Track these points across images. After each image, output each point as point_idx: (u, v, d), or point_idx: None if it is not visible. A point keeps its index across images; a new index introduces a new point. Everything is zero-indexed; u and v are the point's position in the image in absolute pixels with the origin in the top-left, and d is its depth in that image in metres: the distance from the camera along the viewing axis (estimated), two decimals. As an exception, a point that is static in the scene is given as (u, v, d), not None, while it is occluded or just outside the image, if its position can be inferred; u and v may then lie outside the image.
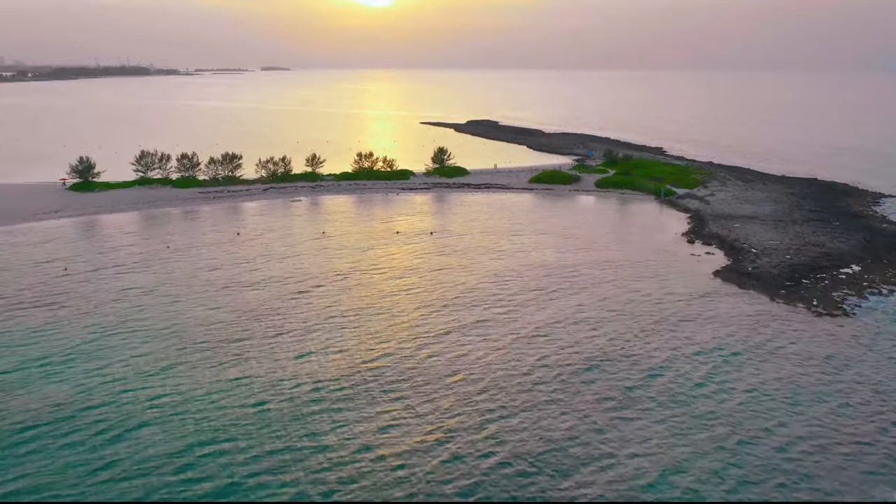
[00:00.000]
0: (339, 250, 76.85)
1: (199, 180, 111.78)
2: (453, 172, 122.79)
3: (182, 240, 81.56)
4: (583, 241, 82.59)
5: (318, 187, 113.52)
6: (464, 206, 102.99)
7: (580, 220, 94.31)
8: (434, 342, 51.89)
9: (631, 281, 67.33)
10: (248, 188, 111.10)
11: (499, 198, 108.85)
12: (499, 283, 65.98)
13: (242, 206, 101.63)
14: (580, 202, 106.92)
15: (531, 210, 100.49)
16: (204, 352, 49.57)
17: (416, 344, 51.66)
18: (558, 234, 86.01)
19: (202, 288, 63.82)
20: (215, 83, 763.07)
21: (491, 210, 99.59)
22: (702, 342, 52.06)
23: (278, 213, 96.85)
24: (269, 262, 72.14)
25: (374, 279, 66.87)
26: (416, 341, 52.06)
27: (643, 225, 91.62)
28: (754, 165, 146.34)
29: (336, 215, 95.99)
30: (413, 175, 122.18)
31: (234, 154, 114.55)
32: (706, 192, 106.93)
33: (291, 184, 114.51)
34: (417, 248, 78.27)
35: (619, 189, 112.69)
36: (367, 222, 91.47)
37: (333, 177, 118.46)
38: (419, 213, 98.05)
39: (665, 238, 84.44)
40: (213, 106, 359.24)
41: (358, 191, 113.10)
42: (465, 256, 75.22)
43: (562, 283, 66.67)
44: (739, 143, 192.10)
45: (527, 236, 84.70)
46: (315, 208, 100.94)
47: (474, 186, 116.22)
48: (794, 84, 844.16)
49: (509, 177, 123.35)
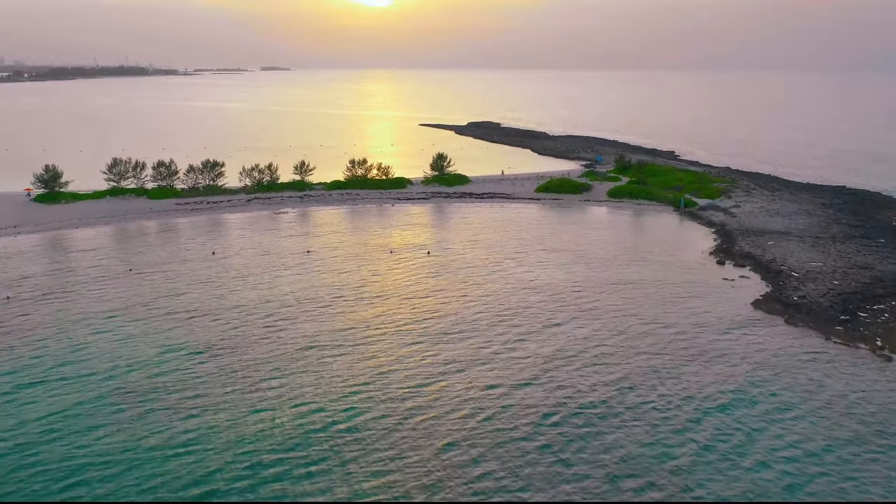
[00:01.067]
0: (323, 273, 67.74)
1: (177, 190, 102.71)
2: (454, 180, 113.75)
3: (149, 259, 72.54)
4: (597, 260, 73.57)
5: (307, 197, 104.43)
6: (464, 218, 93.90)
7: (593, 234, 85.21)
8: (421, 390, 42.87)
9: (654, 310, 58.41)
10: (230, 199, 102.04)
11: (503, 209, 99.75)
12: (501, 313, 57.04)
13: (222, 219, 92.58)
14: (592, 214, 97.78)
15: (538, 223, 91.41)
16: (142, 405, 40.51)
17: (400, 393, 42.75)
18: (569, 251, 77.02)
19: (160, 319, 54.83)
20: (213, 83, 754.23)
21: (494, 224, 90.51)
22: (745, 393, 43.02)
23: (261, 228, 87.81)
24: (241, 288, 63.10)
25: (359, 309, 57.78)
26: (401, 390, 43.13)
27: (664, 241, 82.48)
28: (774, 171, 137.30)
29: (324, 230, 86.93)
30: (410, 183, 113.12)
31: (215, 161, 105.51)
32: (730, 203, 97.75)
33: (278, 193, 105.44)
34: (411, 270, 69.22)
35: (634, 199, 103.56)
36: (357, 238, 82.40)
37: (324, 186, 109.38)
38: (415, 226, 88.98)
39: (690, 257, 75.35)
40: (208, 107, 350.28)
41: (350, 201, 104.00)
42: (464, 280, 66.20)
43: (574, 310, 57.85)
44: (754, 147, 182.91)
45: (533, 254, 75.74)
46: (301, 222, 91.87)
47: (476, 196, 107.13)
48: (797, 84, 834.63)
49: (514, 185, 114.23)
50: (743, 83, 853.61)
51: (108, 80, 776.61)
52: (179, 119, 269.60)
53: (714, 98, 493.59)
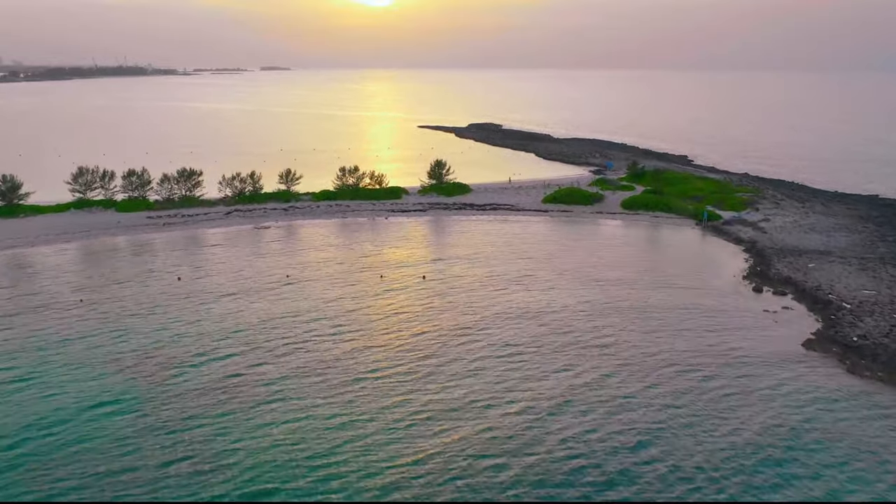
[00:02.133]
0: (300, 307, 58.63)
1: (150, 202, 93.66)
2: (453, 190, 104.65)
3: (105, 285, 63.53)
4: (613, 284, 64.59)
5: (293, 209, 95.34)
6: (465, 234, 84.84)
7: (608, 253, 76.12)
8: (405, 473, 33.81)
9: (684, 349, 49.61)
10: (207, 211, 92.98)
11: (506, 223, 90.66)
12: (503, 354, 48.20)
13: (197, 235, 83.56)
14: (606, 229, 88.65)
15: (546, 240, 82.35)
16: (49, 485, 31.54)
17: (378, 484, 33.60)
18: (581, 274, 68.06)
19: (99, 368, 45.79)
20: (211, 83, 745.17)
21: (497, 240, 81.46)
22: (805, 465, 33.93)
23: (238, 245, 78.80)
24: (201, 321, 54.13)
25: (338, 354, 48.67)
26: (378, 475, 34.02)
27: (688, 261, 73.41)
28: (795, 177, 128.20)
29: (308, 248, 77.89)
30: (406, 193, 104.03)
31: (192, 170, 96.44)
32: (758, 217, 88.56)
33: (260, 205, 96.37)
34: (403, 301, 60.14)
35: (651, 211, 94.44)
36: (345, 258, 73.36)
37: (311, 196, 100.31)
38: (410, 244, 79.93)
39: (721, 282, 66.31)
40: (202, 108, 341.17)
41: (339, 214, 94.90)
42: (462, 311, 57.25)
43: (589, 349, 48.92)
44: (770, 150, 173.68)
45: (543, 279, 66.79)
46: (284, 238, 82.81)
47: (477, 207, 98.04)
48: (800, 84, 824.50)
49: (518, 195, 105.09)
50: (746, 83, 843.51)
51: (106, 81, 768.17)
52: (170, 121, 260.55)
53: (719, 98, 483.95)
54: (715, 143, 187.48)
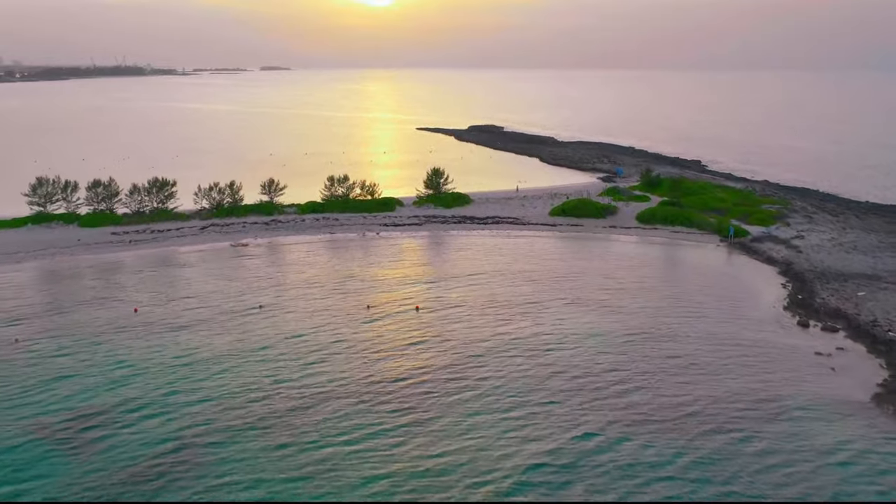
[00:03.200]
0: (268, 345, 49.93)
1: (116, 216, 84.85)
2: (451, 201, 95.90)
3: (48, 315, 54.89)
4: (634, 317, 56.07)
5: (275, 224, 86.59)
6: (464, 253, 76.16)
7: (625, 276, 67.46)
8: None
9: (721, 406, 41.20)
10: (180, 226, 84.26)
11: (511, 239, 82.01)
12: (505, 413, 39.83)
13: (166, 254, 74.87)
14: (621, 246, 79.91)
15: (555, 259, 73.70)
16: None
17: None
18: (596, 303, 59.59)
19: (7, 439, 37.15)
20: (209, 83, 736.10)
21: (500, 260, 72.82)
22: None
23: (210, 266, 70.14)
24: (147, 371, 45.43)
25: (302, 410, 39.99)
26: None
27: (717, 287, 64.75)
28: (819, 184, 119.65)
29: (288, 270, 69.21)
30: (400, 205, 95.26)
31: (164, 180, 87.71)
32: (791, 233, 79.84)
33: (240, 219, 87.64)
34: (389, 338, 51.52)
35: (670, 225, 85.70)
36: (328, 282, 64.69)
37: (296, 209, 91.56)
38: (403, 265, 71.25)
39: (758, 313, 57.73)
40: (195, 109, 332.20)
41: (326, 228, 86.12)
42: (458, 349, 48.97)
43: (611, 405, 40.58)
44: (787, 154, 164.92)
45: (551, 307, 58.45)
46: (262, 258, 74.11)
47: (479, 221, 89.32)
48: (798, 84, 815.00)
49: (523, 207, 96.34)
50: (746, 83, 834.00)
51: (103, 81, 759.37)
52: (159, 123, 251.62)
53: (721, 99, 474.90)
54: (725, 147, 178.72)
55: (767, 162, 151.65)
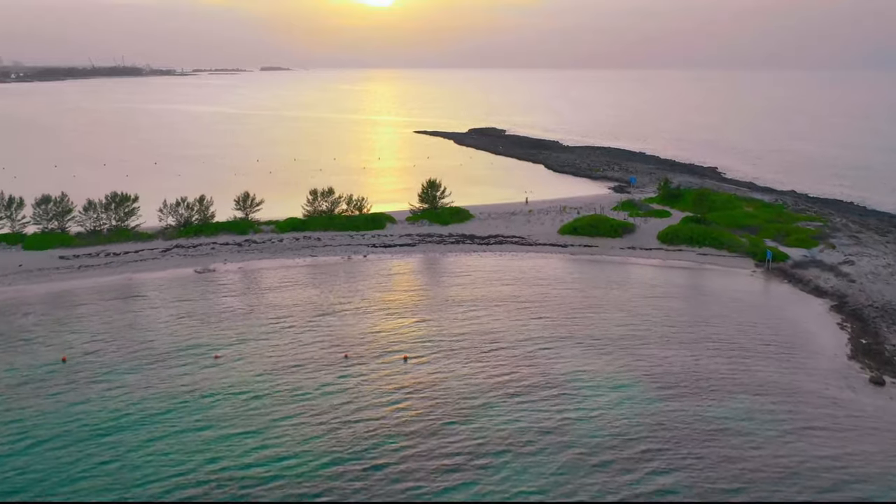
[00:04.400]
0: (216, 419, 39.85)
1: (67, 236, 74.77)
2: (449, 217, 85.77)
3: (-47, 377, 44.87)
4: (667, 370, 46.26)
5: (249, 245, 76.51)
6: (463, 281, 66.11)
7: (651, 313, 57.40)
8: None
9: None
10: (140, 248, 74.16)
11: (516, 263, 71.95)
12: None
13: (118, 284, 64.75)
14: (642, 272, 69.74)
15: (567, 288, 63.65)
16: None
17: None
18: (620, 350, 49.85)
19: None
20: (207, 84, 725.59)
21: (504, 290, 62.78)
22: None
23: (166, 299, 60.10)
24: (50, 451, 35.43)
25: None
26: None
27: (762, 327, 54.68)
28: (853, 196, 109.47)
29: (256, 304, 59.13)
30: (392, 221, 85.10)
31: (124, 195, 77.65)
32: (838, 257, 69.69)
33: (209, 238, 77.56)
34: (370, 405, 41.50)
35: (696, 246, 75.59)
36: (301, 324, 54.62)
37: (275, 226, 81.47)
38: (391, 298, 61.18)
39: (819, 364, 47.78)
40: (187, 111, 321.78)
41: (307, 250, 76.02)
42: (452, 415, 39.09)
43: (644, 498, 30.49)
44: (806, 161, 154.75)
45: (563, 354, 48.90)
46: (230, 287, 64.02)
47: (480, 240, 79.25)
48: (798, 84, 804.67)
49: (529, 223, 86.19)
50: (748, 82, 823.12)
51: (99, 81, 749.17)
52: (144, 126, 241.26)
53: (728, 99, 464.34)
54: (742, 153, 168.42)
55: (788, 169, 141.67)
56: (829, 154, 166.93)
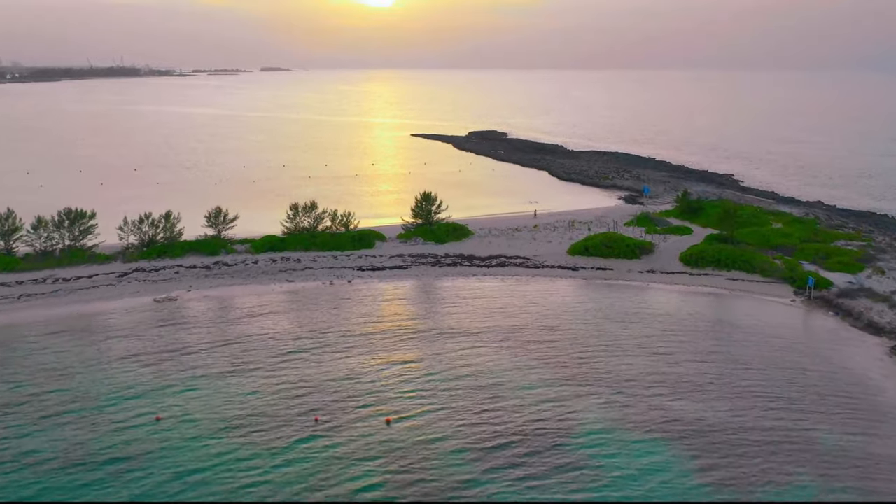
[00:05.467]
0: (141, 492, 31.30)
1: (12, 259, 65.93)
2: (445, 234, 77.04)
3: None
4: (713, 442, 37.48)
5: (219, 267, 67.79)
6: (459, 311, 57.48)
7: (683, 357, 48.82)
8: None
9: None
10: (95, 272, 65.40)
11: (520, 291, 63.24)
12: None
13: (60, 318, 55.97)
14: (665, 302, 60.96)
15: (581, 322, 55.06)
16: None
17: None
18: (643, 402, 41.84)
19: None
20: (204, 85, 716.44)
21: (505, 325, 54.20)
22: None
23: (111, 338, 51.44)
24: None
25: None
26: None
27: (815, 376, 46.10)
28: (884, 208, 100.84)
29: (216, 342, 50.49)
30: (382, 239, 76.35)
31: (80, 212, 68.96)
32: (890, 284, 60.84)
33: (175, 260, 68.87)
34: (337, 479, 32.91)
35: (724, 270, 66.83)
36: (264, 370, 45.99)
37: (250, 246, 72.74)
38: (376, 334, 52.57)
39: (890, 429, 39.07)
40: (179, 112, 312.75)
41: (285, 273, 67.33)
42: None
43: None
44: (827, 165, 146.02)
45: (580, 414, 40.73)
46: (190, 321, 55.31)
47: (480, 262, 70.56)
48: (797, 84, 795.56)
49: (535, 241, 77.44)
50: (750, 83, 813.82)
51: (96, 82, 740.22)
52: (133, 129, 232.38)
53: (733, 100, 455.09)
54: (754, 157, 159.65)
55: (807, 175, 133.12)
56: (847, 159, 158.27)
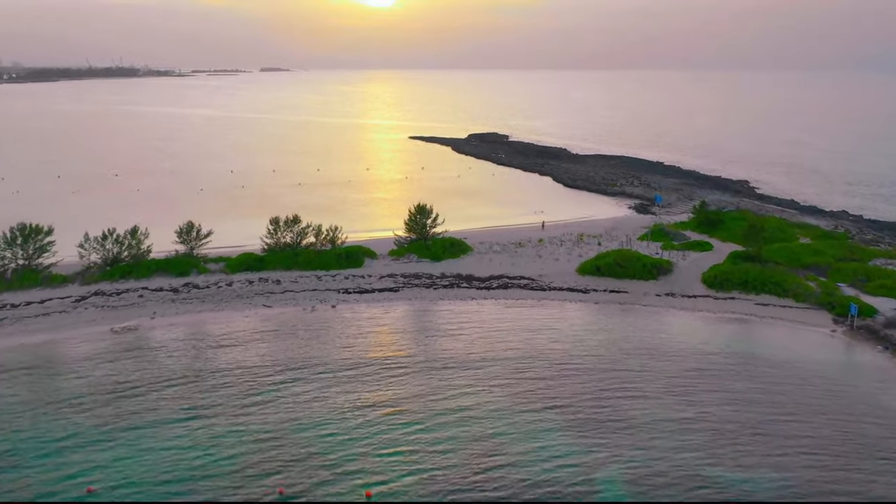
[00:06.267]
0: None
1: (-46, 282, 59.10)
2: (442, 250, 70.01)
3: None
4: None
5: (189, 290, 60.82)
6: (455, 344, 50.56)
7: (712, 402, 41.98)
8: None
9: None
10: (49, 296, 58.38)
11: (525, 316, 56.34)
12: None
13: (1, 349, 49.14)
14: (690, 332, 53.94)
15: (595, 356, 48.25)
16: None
17: None
18: (674, 467, 35.00)
19: None
20: (202, 85, 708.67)
21: (510, 365, 47.26)
22: None
23: (54, 373, 44.58)
24: None
25: None
26: None
27: (874, 426, 39.38)
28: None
29: (174, 380, 43.61)
30: (372, 256, 69.33)
31: (35, 227, 61.92)
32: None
33: (141, 281, 61.94)
34: None
35: (753, 293, 59.85)
36: (226, 413, 39.13)
37: (225, 265, 65.74)
38: (358, 370, 45.73)
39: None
40: (171, 113, 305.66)
41: (261, 296, 60.35)
42: None
43: None
44: (846, 172, 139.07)
45: (597, 486, 33.51)
46: (147, 355, 48.32)
47: (480, 282, 63.60)
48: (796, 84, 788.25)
49: (541, 259, 70.41)
50: (748, 83, 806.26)
51: (93, 82, 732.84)
52: (121, 130, 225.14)
53: (738, 101, 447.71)
54: (772, 164, 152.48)
55: (824, 182, 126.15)
56: (860, 163, 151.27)
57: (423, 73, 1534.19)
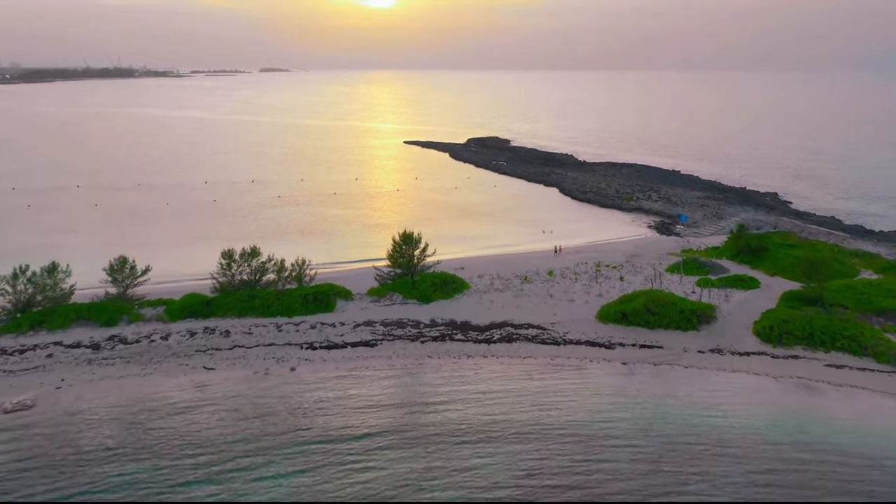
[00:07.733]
0: None
1: None
2: (432, 289, 57.68)
3: None
4: None
5: (113, 345, 48.65)
6: (443, 428, 38.50)
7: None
8: None
9: None
10: (-69, 355, 46.30)
11: (535, 389, 44.14)
12: None
13: None
14: (752, 413, 41.66)
15: (628, 459, 36.37)
16: None
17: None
18: None
19: None
20: (199, 86, 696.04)
21: (514, 465, 35.22)
22: None
23: None
24: None
25: None
26: None
27: None
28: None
29: (58, 488, 31.49)
30: (347, 298, 56.98)
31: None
32: None
33: (55, 333, 49.76)
34: None
35: (821, 350, 47.69)
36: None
37: (165, 309, 53.45)
38: (312, 478, 33.60)
39: None
40: (160, 116, 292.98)
41: (204, 355, 48.14)
42: None
43: None
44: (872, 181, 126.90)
45: None
46: (31, 452, 36.19)
47: (478, 333, 51.39)
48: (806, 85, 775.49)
49: (553, 300, 58.06)
50: (749, 84, 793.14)
51: (88, 83, 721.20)
52: (98, 133, 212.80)
53: (746, 104, 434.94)
54: (805, 176, 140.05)
55: (857, 193, 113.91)
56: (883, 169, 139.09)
57: (423, 73, 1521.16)
